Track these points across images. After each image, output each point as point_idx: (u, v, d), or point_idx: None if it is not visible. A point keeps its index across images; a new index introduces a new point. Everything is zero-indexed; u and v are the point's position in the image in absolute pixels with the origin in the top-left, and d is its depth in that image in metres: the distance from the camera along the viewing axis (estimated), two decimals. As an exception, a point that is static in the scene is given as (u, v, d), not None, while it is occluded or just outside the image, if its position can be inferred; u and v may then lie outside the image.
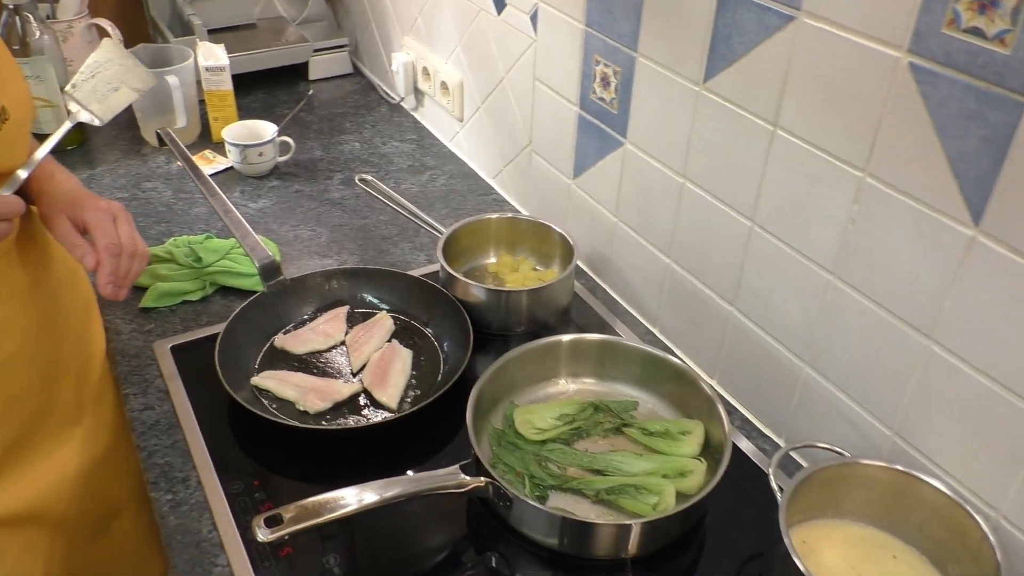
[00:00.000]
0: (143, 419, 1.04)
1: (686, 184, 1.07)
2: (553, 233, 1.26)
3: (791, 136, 0.90)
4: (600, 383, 1.09)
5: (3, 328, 0.94)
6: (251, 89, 1.89)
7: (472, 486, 0.88)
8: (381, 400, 1.05)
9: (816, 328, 0.94)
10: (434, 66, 1.65)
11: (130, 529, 1.16)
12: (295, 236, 1.40)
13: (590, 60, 1.18)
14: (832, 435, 0.96)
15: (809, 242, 0.92)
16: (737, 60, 0.94)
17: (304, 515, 0.80)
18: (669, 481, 0.94)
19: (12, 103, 0.90)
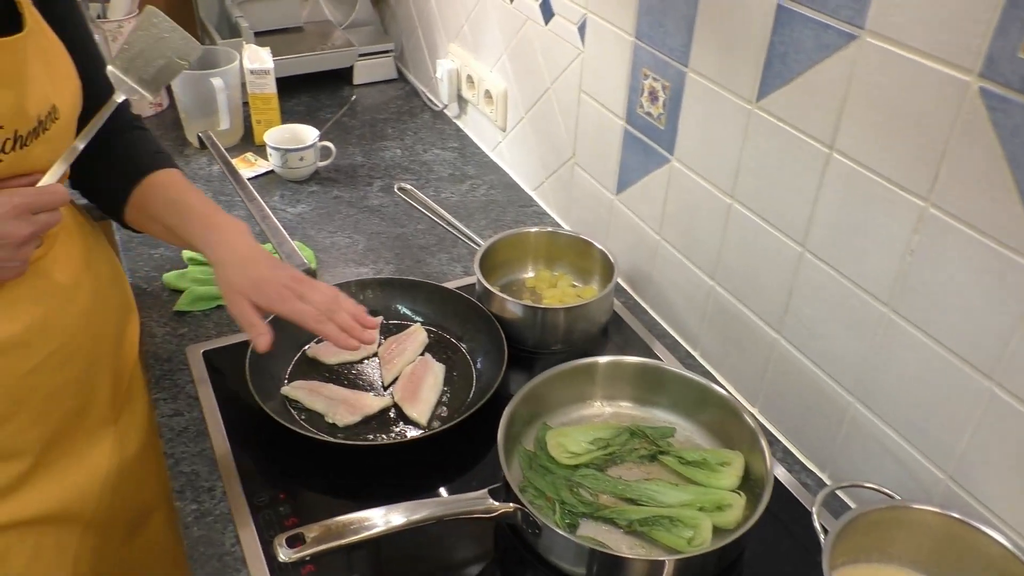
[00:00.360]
0: (172, 425, 1.03)
1: (734, 205, 1.03)
2: (593, 249, 1.23)
3: (848, 160, 0.86)
4: (637, 407, 1.06)
5: (44, 326, 0.94)
6: (296, 92, 1.89)
7: (500, 512, 0.86)
8: (411, 416, 1.03)
9: (868, 361, 0.90)
10: (479, 74, 1.63)
11: (158, 534, 1.15)
12: (332, 243, 1.38)
13: (638, 73, 1.15)
14: (879, 474, 0.91)
15: (863, 271, 0.87)
16: (793, 79, 0.90)
17: (327, 536, 0.78)
18: (706, 515, 0.90)
19: (64, 103, 0.90)
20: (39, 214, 0.87)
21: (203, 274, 1.24)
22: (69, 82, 0.93)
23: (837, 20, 0.82)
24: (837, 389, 0.95)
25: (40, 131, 0.86)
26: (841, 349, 0.93)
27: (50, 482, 0.99)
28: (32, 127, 0.85)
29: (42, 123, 0.86)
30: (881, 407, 0.90)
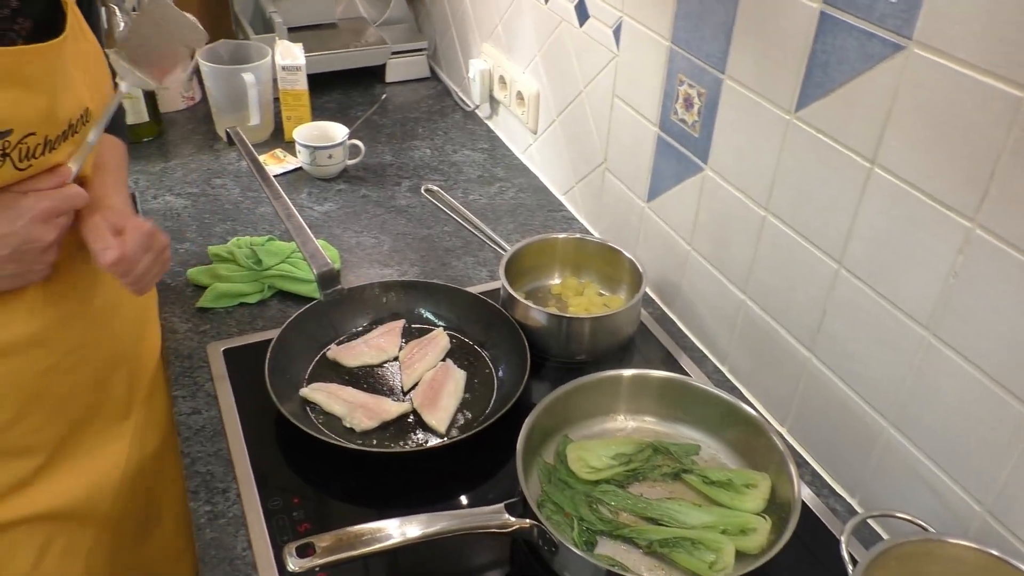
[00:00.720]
0: (189, 423, 1.02)
1: (768, 217, 1.00)
2: (622, 258, 1.20)
3: (890, 175, 0.82)
4: (661, 423, 1.03)
5: (61, 324, 0.94)
6: (328, 89, 1.89)
7: (516, 527, 0.83)
8: (430, 423, 1.01)
9: (904, 386, 0.86)
10: (511, 75, 1.61)
11: (173, 534, 1.14)
12: (358, 243, 1.37)
13: (673, 79, 1.12)
14: (913, 503, 0.87)
15: (902, 292, 0.84)
16: (835, 89, 0.86)
17: (338, 546, 0.76)
18: (729, 538, 0.87)
19: (96, 105, 0.89)
20: (60, 217, 0.87)
21: (227, 271, 1.23)
22: (103, 83, 0.93)
23: (883, 29, 0.79)
24: (871, 412, 0.91)
25: (70, 134, 0.86)
26: (876, 371, 0.89)
27: (63, 479, 0.98)
28: (61, 131, 0.84)
29: (72, 126, 0.85)
30: (917, 433, 0.86)
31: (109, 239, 0.87)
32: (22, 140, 0.79)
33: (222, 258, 1.26)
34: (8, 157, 0.79)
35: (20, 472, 0.95)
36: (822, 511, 0.96)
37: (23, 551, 0.96)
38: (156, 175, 1.53)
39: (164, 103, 1.74)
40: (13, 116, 0.78)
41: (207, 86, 1.63)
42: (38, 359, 0.93)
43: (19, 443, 0.94)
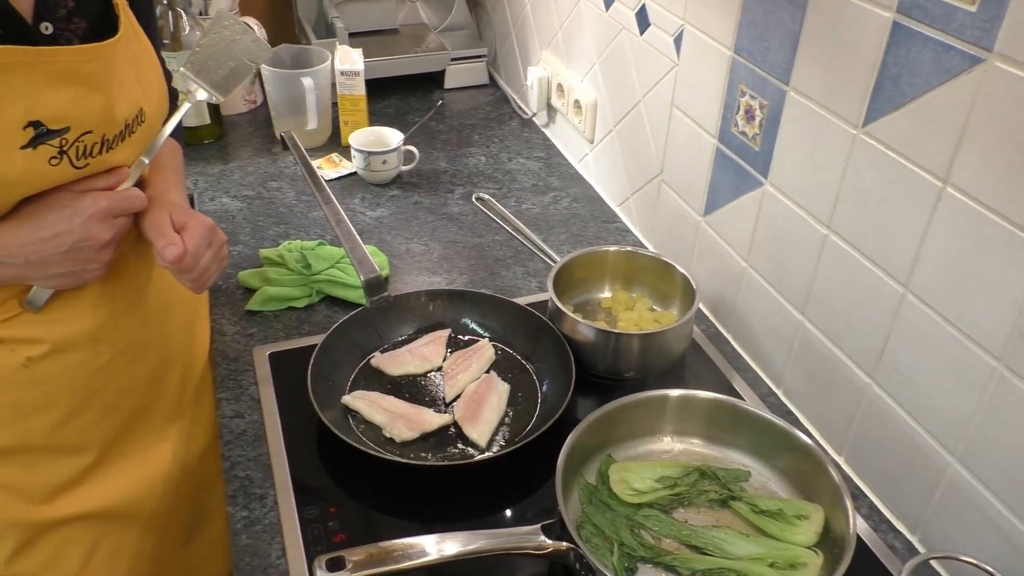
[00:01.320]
0: (232, 427, 1.02)
1: (830, 236, 0.96)
2: (675, 272, 1.17)
3: (963, 196, 0.77)
4: (709, 446, 0.99)
5: (117, 322, 0.95)
6: (387, 94, 1.89)
7: (552, 550, 0.81)
8: (471, 436, 0.99)
9: (972, 420, 0.81)
10: (569, 83, 1.59)
11: (217, 537, 1.15)
12: (407, 250, 1.36)
13: (735, 90, 1.08)
14: (978, 546, 0.82)
15: (973, 320, 0.78)
16: (906, 104, 0.82)
17: (369, 561, 0.74)
18: (778, 572, 0.83)
19: (151, 105, 0.90)
20: (118, 218, 0.88)
21: (277, 274, 1.23)
22: (156, 84, 0.94)
23: (961, 41, 0.74)
24: (935, 446, 0.86)
25: (126, 134, 0.87)
26: (942, 402, 0.84)
27: (113, 478, 0.99)
28: (118, 131, 0.85)
29: (128, 126, 0.87)
30: (985, 472, 0.80)
31: (172, 235, 0.88)
32: (79, 138, 0.80)
33: (272, 261, 1.26)
34: (65, 155, 0.80)
35: (73, 470, 0.96)
36: (879, 547, 0.90)
37: (73, 550, 0.97)
38: (215, 177, 1.55)
39: (226, 106, 1.77)
40: (71, 114, 0.79)
41: (267, 89, 1.65)
42: (95, 356, 0.94)
43: (73, 440, 0.95)
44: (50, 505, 0.94)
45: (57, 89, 0.78)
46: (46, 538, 0.94)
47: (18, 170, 0.77)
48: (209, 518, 1.14)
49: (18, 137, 0.76)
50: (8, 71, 0.75)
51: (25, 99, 0.76)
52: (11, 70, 0.75)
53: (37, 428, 0.91)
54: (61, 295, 0.89)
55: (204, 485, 1.13)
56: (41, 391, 0.91)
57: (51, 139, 0.78)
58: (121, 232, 0.90)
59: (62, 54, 0.78)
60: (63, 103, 0.79)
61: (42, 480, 0.93)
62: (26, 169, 0.78)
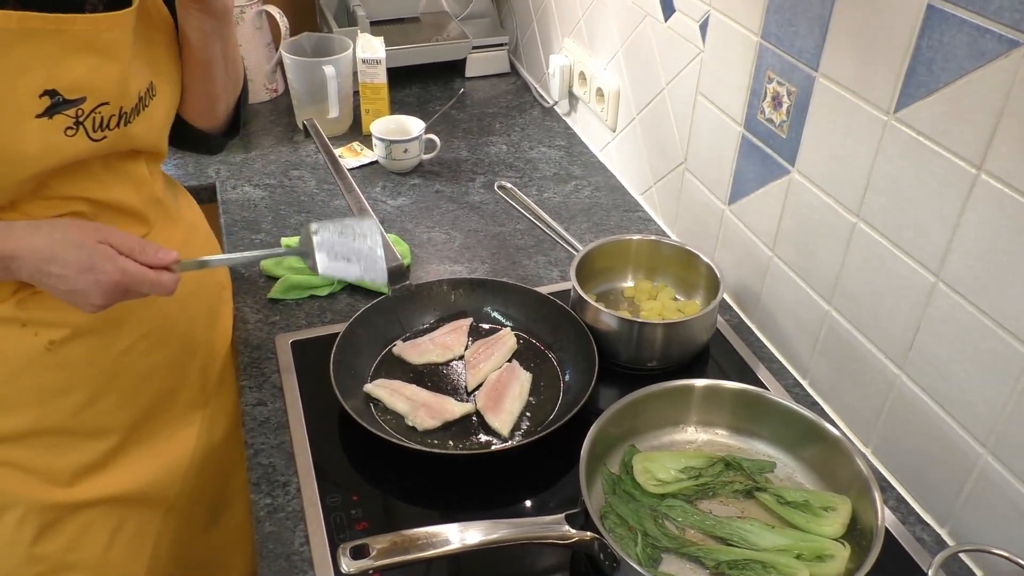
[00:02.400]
0: (255, 415, 1.02)
1: (859, 225, 0.94)
2: (699, 262, 1.15)
3: (999, 183, 0.75)
4: (734, 436, 0.98)
5: (138, 307, 0.95)
6: (408, 83, 1.88)
7: (576, 539, 0.80)
8: (493, 425, 0.99)
9: (1005, 411, 0.79)
10: (591, 71, 1.57)
11: (238, 524, 1.15)
12: (429, 238, 1.36)
13: (761, 77, 1.07)
14: (1009, 539, 0.80)
15: (1008, 311, 0.77)
16: (939, 89, 0.80)
17: (393, 550, 0.74)
18: (804, 564, 0.82)
19: (162, 81, 0.90)
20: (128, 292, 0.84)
21: (299, 263, 1.23)
22: (172, 60, 0.93)
23: (999, 24, 0.72)
24: (966, 438, 0.84)
25: (140, 108, 0.86)
26: (974, 394, 0.82)
27: (135, 462, 1.00)
28: (133, 104, 0.85)
29: (142, 99, 0.86)
30: (1018, 464, 0.79)
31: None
32: (95, 109, 0.80)
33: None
34: (81, 126, 0.79)
35: (94, 454, 0.97)
36: (908, 541, 0.89)
37: (96, 533, 0.98)
38: (237, 166, 1.56)
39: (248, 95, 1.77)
40: (88, 84, 0.78)
41: (289, 78, 1.64)
42: (116, 340, 0.94)
43: (94, 424, 0.96)
44: (73, 488, 0.94)
45: (74, 58, 0.77)
46: (69, 520, 0.95)
47: (33, 140, 0.77)
48: (232, 504, 1.15)
49: (34, 105, 0.76)
50: (28, 37, 0.74)
51: (44, 67, 0.75)
52: (31, 37, 0.74)
53: (60, 411, 0.92)
54: None
55: (227, 471, 1.13)
56: (64, 374, 0.91)
57: (67, 108, 0.77)
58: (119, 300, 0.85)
59: (80, 22, 0.77)
60: (80, 72, 0.78)
61: (65, 463, 0.94)
62: (41, 140, 0.77)
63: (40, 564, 0.94)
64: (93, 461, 0.96)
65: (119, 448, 0.98)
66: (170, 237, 1.00)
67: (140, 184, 0.94)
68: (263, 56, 1.76)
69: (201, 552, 1.12)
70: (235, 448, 1.12)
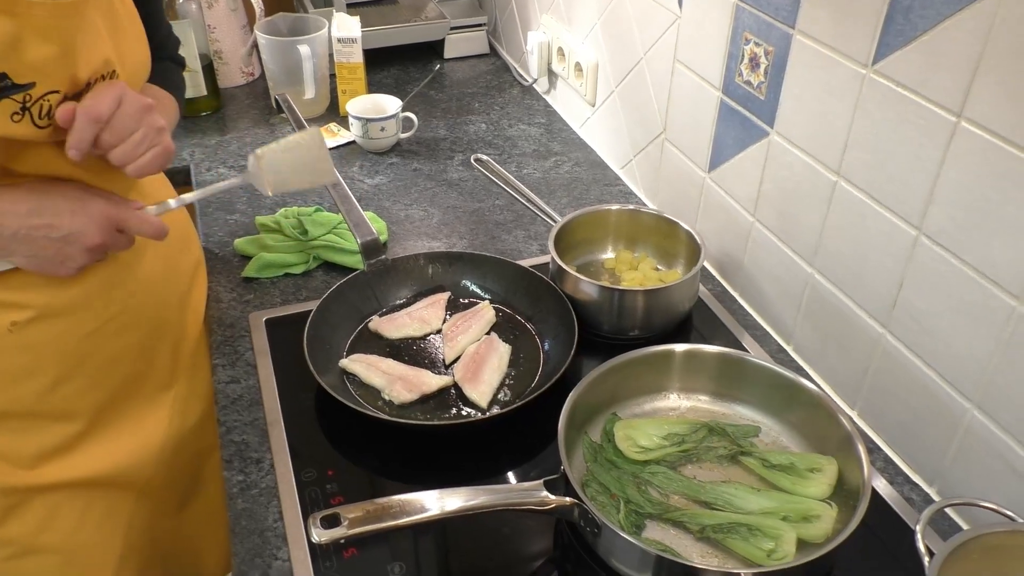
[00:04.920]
0: (227, 392, 1.00)
1: (840, 183, 0.92)
2: (679, 230, 1.14)
3: (979, 129, 0.74)
4: (717, 402, 0.96)
5: (106, 290, 0.93)
6: (385, 65, 1.86)
7: (555, 505, 0.78)
8: (471, 397, 0.97)
9: (991, 363, 0.77)
10: (570, 46, 1.55)
11: (212, 506, 1.13)
12: (406, 215, 1.33)
13: (739, 38, 1.05)
14: (998, 493, 0.79)
15: (991, 259, 0.75)
16: (917, 37, 0.78)
17: (366, 519, 0.72)
18: (791, 525, 0.80)
19: (123, 67, 0.86)
20: (119, 232, 0.87)
21: (273, 241, 1.21)
22: (136, 47, 0.90)
23: (974, -38, 0.71)
24: (952, 393, 0.83)
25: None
26: (959, 348, 0.81)
27: (104, 445, 0.97)
28: (80, 90, 0.81)
29: (91, 86, 0.82)
30: (1005, 415, 0.77)
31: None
32: (44, 96, 0.77)
33: (269, 228, 1.23)
34: (28, 111, 0.77)
35: (61, 437, 0.94)
36: (896, 500, 0.87)
37: (64, 516, 0.95)
38: (212, 148, 1.53)
39: (223, 78, 1.74)
40: (39, 70, 0.76)
41: (263, 59, 1.62)
42: (82, 323, 0.92)
43: (61, 407, 0.93)
44: (38, 471, 0.92)
45: (28, 43, 0.75)
46: (36, 503, 0.92)
47: None
48: (207, 487, 1.12)
49: None
50: None
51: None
52: None
53: (24, 394, 0.89)
54: None
55: (201, 454, 1.11)
56: (28, 357, 0.88)
57: (15, 93, 0.75)
58: (115, 246, 0.88)
59: (37, 7, 0.75)
60: (32, 57, 0.75)
61: (30, 446, 0.91)
62: None
63: (7, 547, 0.91)
64: (59, 444, 0.93)
65: (86, 431, 0.96)
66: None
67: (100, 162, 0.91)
68: (238, 39, 1.73)
69: (176, 535, 1.10)
70: (209, 431, 1.09)
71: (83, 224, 0.83)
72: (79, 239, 0.83)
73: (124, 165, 0.83)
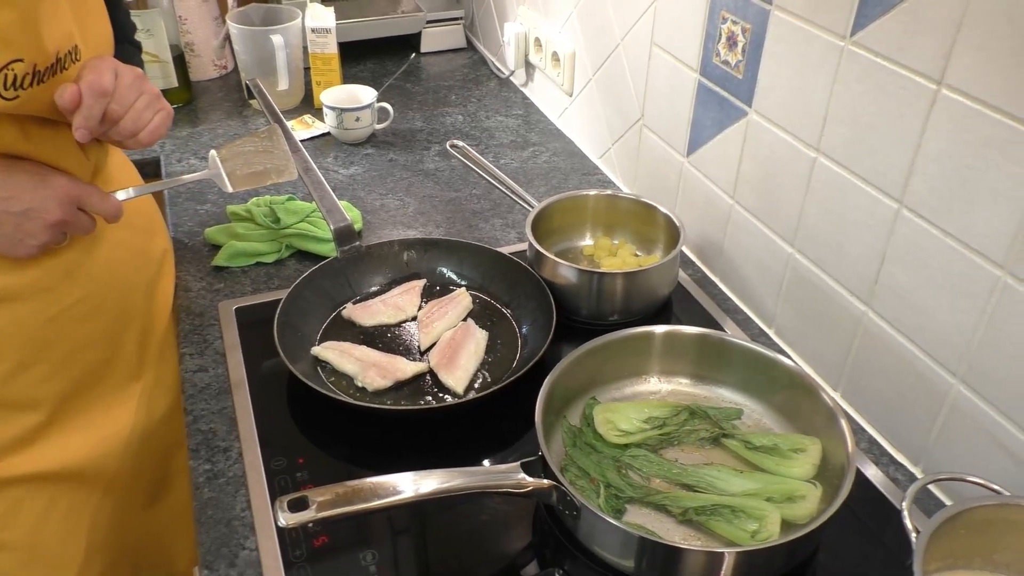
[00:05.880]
0: (195, 381, 0.97)
1: (819, 159, 0.91)
2: (657, 214, 1.12)
3: (959, 96, 0.72)
4: (698, 385, 0.94)
5: (67, 272, 0.90)
6: (361, 58, 1.83)
7: (532, 487, 0.75)
8: (447, 383, 0.94)
9: (975, 336, 0.76)
10: (546, 36, 1.53)
11: (180, 501, 1.09)
12: (381, 205, 1.31)
13: (716, 17, 1.03)
14: (985, 468, 0.77)
15: (973, 228, 0.74)
16: (896, 5, 0.77)
17: (337, 501, 0.69)
18: (774, 506, 0.78)
19: (87, 44, 0.84)
20: (81, 212, 0.85)
21: (244, 229, 1.18)
22: (99, 25, 0.88)
23: (952, -77, 0.69)
24: (936, 368, 0.81)
25: (58, 68, 0.80)
26: (942, 322, 0.79)
27: (68, 437, 0.94)
28: (50, 63, 0.79)
29: (60, 61, 0.80)
30: (990, 388, 0.76)
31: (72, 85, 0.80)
32: (8, 66, 0.75)
33: (240, 216, 1.20)
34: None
35: (22, 427, 0.90)
36: (881, 481, 0.86)
37: (27, 510, 0.92)
38: (183, 139, 1.50)
39: (195, 71, 1.71)
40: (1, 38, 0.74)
41: (236, 49, 1.59)
42: (43, 307, 0.89)
43: (21, 395, 0.90)
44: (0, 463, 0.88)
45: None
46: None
47: None
48: (175, 482, 1.09)
49: None
50: None
51: None
52: None
53: None
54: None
55: (170, 449, 1.07)
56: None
57: None
58: (72, 227, 0.86)
59: None
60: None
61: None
62: None
63: (-35, 544, 0.87)
64: (20, 435, 0.90)
65: (49, 422, 0.92)
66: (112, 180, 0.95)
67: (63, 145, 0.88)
68: (210, 31, 1.70)
69: (143, 530, 1.06)
70: (178, 424, 1.06)
71: (43, 198, 0.82)
72: (39, 214, 0.81)
73: (135, 133, 0.84)
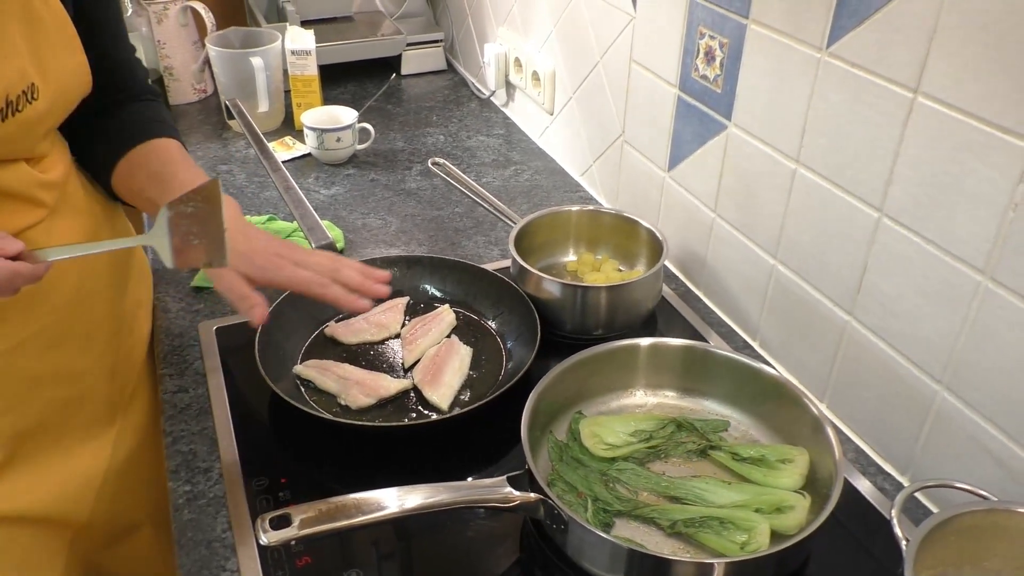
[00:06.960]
0: (175, 402, 0.95)
1: (799, 170, 0.91)
2: (640, 228, 1.12)
3: (936, 103, 0.73)
4: (684, 398, 0.94)
5: (27, 303, 0.83)
6: (341, 81, 1.84)
7: (519, 501, 0.74)
8: (431, 399, 0.93)
9: (958, 343, 0.76)
10: (526, 55, 1.54)
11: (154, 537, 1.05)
12: (363, 224, 1.30)
13: (693, 33, 1.04)
14: (971, 475, 0.77)
15: (953, 235, 0.74)
16: (871, 16, 0.78)
17: (320, 518, 0.68)
18: (763, 517, 0.78)
19: (47, 81, 0.79)
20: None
21: (224, 250, 1.16)
22: (63, 59, 0.82)
23: (924, -66, 0.70)
24: (920, 376, 0.81)
25: (8, 112, 0.75)
26: (926, 329, 0.79)
27: (29, 477, 0.89)
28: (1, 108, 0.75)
29: (12, 103, 0.75)
30: (975, 396, 0.76)
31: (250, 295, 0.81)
32: None
33: (220, 237, 1.19)
34: None
35: None
36: (869, 491, 0.85)
37: None
38: (161, 164, 1.48)
39: (175, 95, 1.71)
40: None
41: (216, 72, 1.58)
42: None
43: None
44: None
45: None
46: None
47: None
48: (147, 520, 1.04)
49: None
50: None
51: None
52: None
53: None
54: None
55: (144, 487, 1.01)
56: None
57: None
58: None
59: None
60: None
61: None
62: None
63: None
64: None
65: (7, 461, 0.87)
66: (72, 226, 0.90)
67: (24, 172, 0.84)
68: (189, 55, 1.70)
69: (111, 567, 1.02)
70: (151, 463, 1.00)
71: None
72: None
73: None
